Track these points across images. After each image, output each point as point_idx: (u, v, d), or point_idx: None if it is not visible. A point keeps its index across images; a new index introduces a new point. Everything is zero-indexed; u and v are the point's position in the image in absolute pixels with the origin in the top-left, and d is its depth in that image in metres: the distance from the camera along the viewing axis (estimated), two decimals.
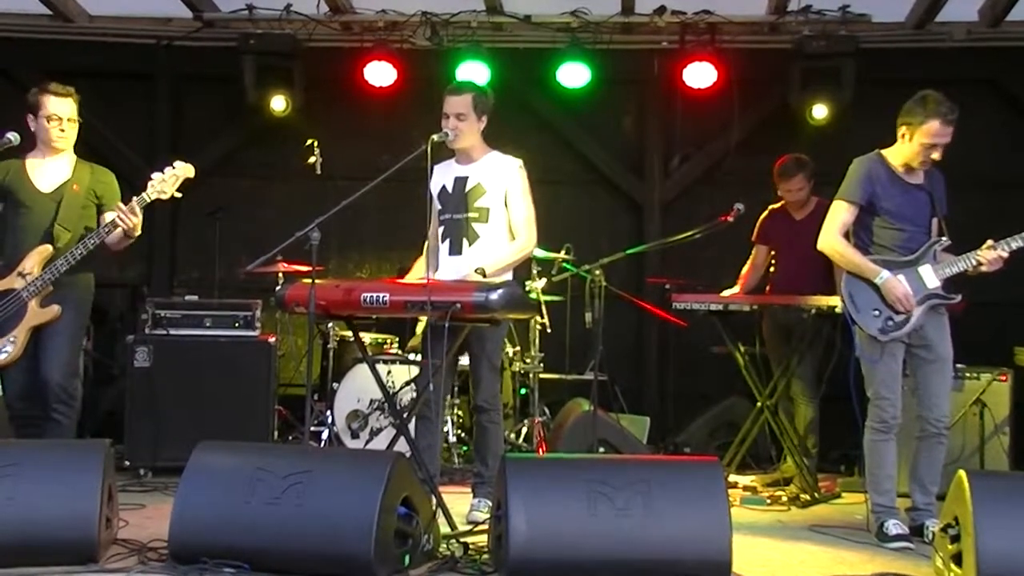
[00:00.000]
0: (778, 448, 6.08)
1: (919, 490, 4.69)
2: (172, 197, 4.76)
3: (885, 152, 4.74)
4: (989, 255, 4.58)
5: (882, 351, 4.60)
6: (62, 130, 4.83)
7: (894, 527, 4.55)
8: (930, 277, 4.62)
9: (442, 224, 4.95)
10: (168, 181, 4.70)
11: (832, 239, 4.71)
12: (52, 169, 4.88)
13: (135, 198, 4.71)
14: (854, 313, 4.64)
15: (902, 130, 4.64)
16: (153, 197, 4.70)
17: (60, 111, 4.81)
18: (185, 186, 4.78)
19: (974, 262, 4.62)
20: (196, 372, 5.81)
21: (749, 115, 7.22)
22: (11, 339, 4.69)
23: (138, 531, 4.23)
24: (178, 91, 7.77)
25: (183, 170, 4.72)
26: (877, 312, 4.60)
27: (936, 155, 4.60)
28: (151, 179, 4.72)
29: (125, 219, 4.67)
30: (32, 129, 4.87)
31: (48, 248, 4.75)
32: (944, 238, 4.69)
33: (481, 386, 4.88)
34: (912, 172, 4.70)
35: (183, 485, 3.81)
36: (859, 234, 4.74)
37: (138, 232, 4.79)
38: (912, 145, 4.60)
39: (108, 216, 4.83)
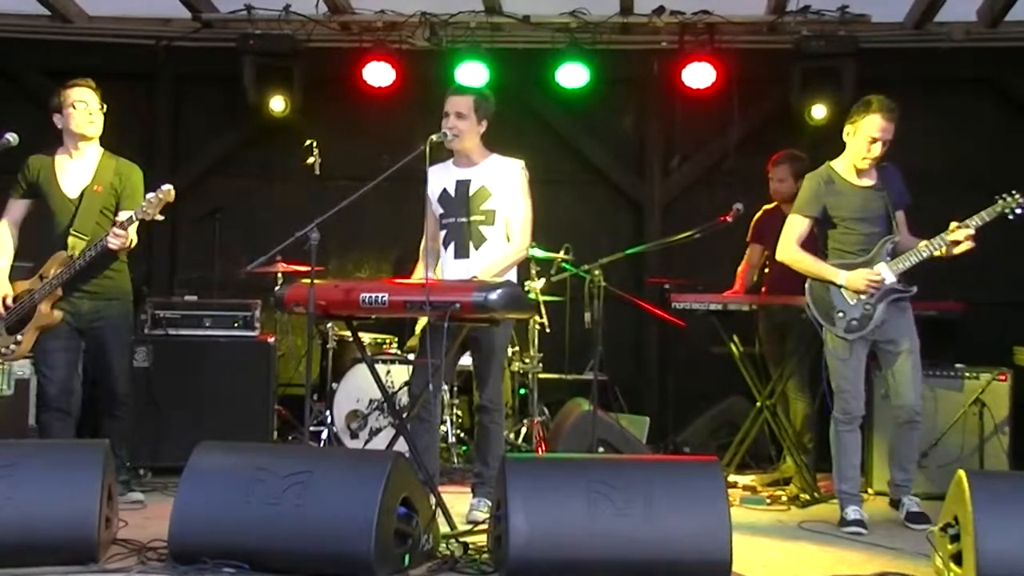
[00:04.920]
0: (778, 448, 6.08)
1: (897, 468, 5.06)
2: (153, 219, 4.83)
3: (833, 163, 4.99)
4: (960, 234, 4.73)
5: (849, 349, 4.84)
6: (90, 113, 4.95)
7: (852, 512, 4.83)
8: (886, 273, 4.81)
9: (444, 228, 4.91)
10: (152, 203, 4.73)
11: (788, 249, 5.01)
12: (78, 168, 4.99)
13: (122, 217, 4.85)
14: (821, 317, 4.90)
15: (847, 130, 4.92)
16: (139, 218, 4.77)
17: (85, 98, 4.95)
18: (165, 209, 4.81)
19: (938, 245, 4.77)
20: (196, 372, 5.84)
21: (749, 115, 7.21)
22: (17, 339, 4.86)
23: (138, 531, 4.22)
24: (178, 91, 7.76)
25: (165, 194, 4.75)
26: (841, 313, 4.86)
27: (878, 151, 4.81)
28: (146, 198, 4.79)
29: (116, 240, 4.76)
30: (59, 126, 4.99)
31: (64, 254, 4.88)
32: (895, 235, 4.86)
33: (487, 386, 4.86)
34: (863, 174, 4.91)
35: (183, 485, 3.82)
36: (825, 242, 4.99)
37: (131, 247, 4.89)
38: (857, 141, 4.86)
39: (121, 216, 4.92)
